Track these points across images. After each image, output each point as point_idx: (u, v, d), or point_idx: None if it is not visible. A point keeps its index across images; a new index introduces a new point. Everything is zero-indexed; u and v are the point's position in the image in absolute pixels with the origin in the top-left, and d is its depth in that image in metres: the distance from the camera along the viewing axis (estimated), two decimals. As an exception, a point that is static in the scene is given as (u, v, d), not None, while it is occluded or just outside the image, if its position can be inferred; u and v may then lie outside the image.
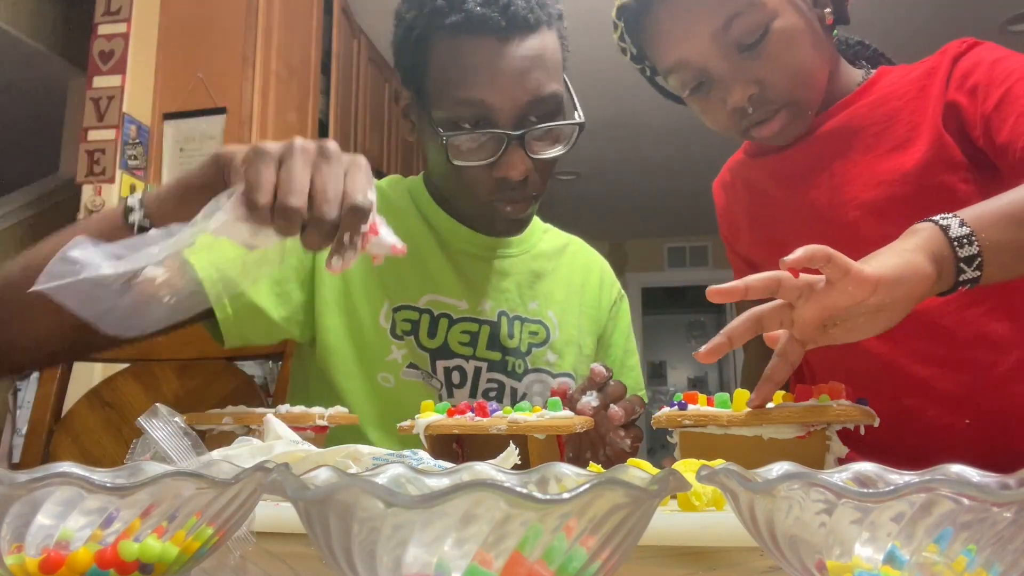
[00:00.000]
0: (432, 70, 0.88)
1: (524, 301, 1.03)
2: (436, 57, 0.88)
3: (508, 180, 0.88)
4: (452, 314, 0.97)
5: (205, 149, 2.83)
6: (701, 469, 0.32)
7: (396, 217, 0.98)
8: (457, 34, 0.86)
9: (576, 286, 1.09)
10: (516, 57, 0.86)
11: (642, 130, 5.03)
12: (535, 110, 0.88)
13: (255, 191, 0.59)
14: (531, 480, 0.33)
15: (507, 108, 0.86)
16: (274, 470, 0.31)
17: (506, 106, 0.86)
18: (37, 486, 0.28)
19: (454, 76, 0.86)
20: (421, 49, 0.89)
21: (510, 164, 0.87)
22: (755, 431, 0.61)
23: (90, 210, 2.69)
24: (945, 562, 0.26)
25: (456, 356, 0.97)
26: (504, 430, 0.64)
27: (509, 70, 0.85)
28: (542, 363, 1.01)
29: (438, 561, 0.26)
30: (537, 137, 0.89)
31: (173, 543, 0.31)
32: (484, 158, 0.87)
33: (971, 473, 0.31)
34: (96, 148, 2.73)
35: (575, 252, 1.14)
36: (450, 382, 0.96)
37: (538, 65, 0.87)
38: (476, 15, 0.84)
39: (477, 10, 0.84)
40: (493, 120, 0.86)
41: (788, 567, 0.30)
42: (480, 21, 0.84)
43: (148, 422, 0.48)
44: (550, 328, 1.03)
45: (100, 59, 2.79)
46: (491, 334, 0.98)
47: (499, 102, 0.85)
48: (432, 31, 0.88)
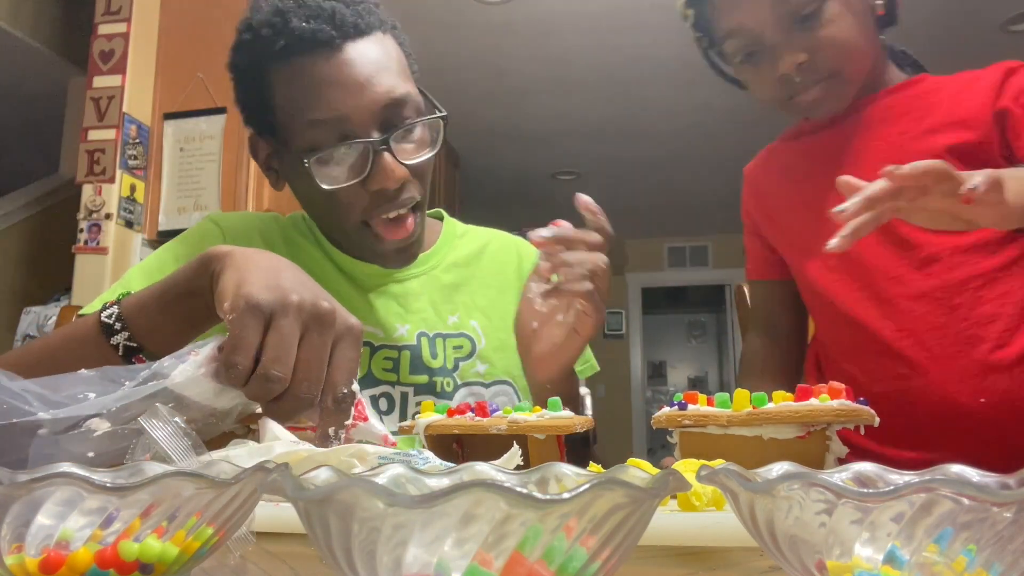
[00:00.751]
0: (278, 102, 0.86)
1: (443, 317, 1.00)
2: (278, 87, 0.85)
3: (386, 191, 0.85)
4: (373, 342, 0.95)
5: (205, 149, 2.83)
6: (701, 469, 0.32)
7: (299, 255, 0.96)
8: (291, 57, 0.83)
9: (498, 285, 1.06)
10: (356, 62, 0.83)
11: (642, 130, 5.04)
12: (393, 116, 0.85)
13: (237, 351, 0.55)
14: (531, 480, 0.33)
15: (363, 116, 0.83)
16: (274, 470, 0.31)
17: (360, 114, 0.83)
18: (37, 486, 0.28)
19: (300, 100, 0.84)
20: (261, 86, 0.86)
21: (383, 173, 0.83)
22: (755, 431, 0.61)
23: (90, 210, 2.70)
24: (945, 562, 0.26)
25: (381, 383, 0.95)
26: (504, 430, 0.64)
27: (352, 76, 0.83)
28: (471, 376, 0.99)
29: (438, 561, 0.26)
30: (402, 141, 0.86)
31: (173, 543, 0.31)
32: (355, 176, 0.84)
33: (971, 473, 0.31)
34: (96, 148, 2.73)
35: (494, 251, 1.10)
36: (377, 409, 0.94)
37: (382, 68, 0.85)
38: (305, 31, 0.82)
39: (303, 26, 0.82)
40: (353, 133, 0.83)
41: (788, 567, 0.30)
42: (310, 36, 0.82)
43: (148, 422, 0.48)
44: (475, 338, 1.00)
45: (100, 59, 2.79)
46: (412, 358, 0.96)
47: (351, 111, 0.83)
48: (267, 64, 0.85)
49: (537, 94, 4.49)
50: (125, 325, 0.68)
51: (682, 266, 7.69)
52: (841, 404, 0.58)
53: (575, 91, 4.48)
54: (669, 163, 5.60)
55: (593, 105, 4.66)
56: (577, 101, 4.61)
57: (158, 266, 0.90)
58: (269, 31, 0.84)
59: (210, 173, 2.82)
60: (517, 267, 1.09)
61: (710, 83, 2.55)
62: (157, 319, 0.68)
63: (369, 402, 0.94)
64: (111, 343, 0.67)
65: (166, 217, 2.84)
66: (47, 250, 3.72)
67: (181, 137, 2.86)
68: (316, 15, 0.83)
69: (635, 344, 7.71)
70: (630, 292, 7.68)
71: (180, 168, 2.86)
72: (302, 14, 0.83)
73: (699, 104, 4.61)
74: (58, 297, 3.26)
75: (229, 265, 0.62)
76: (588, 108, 4.70)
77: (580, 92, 4.49)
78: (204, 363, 0.56)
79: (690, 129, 5.00)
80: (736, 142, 5.15)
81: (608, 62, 4.16)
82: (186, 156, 2.85)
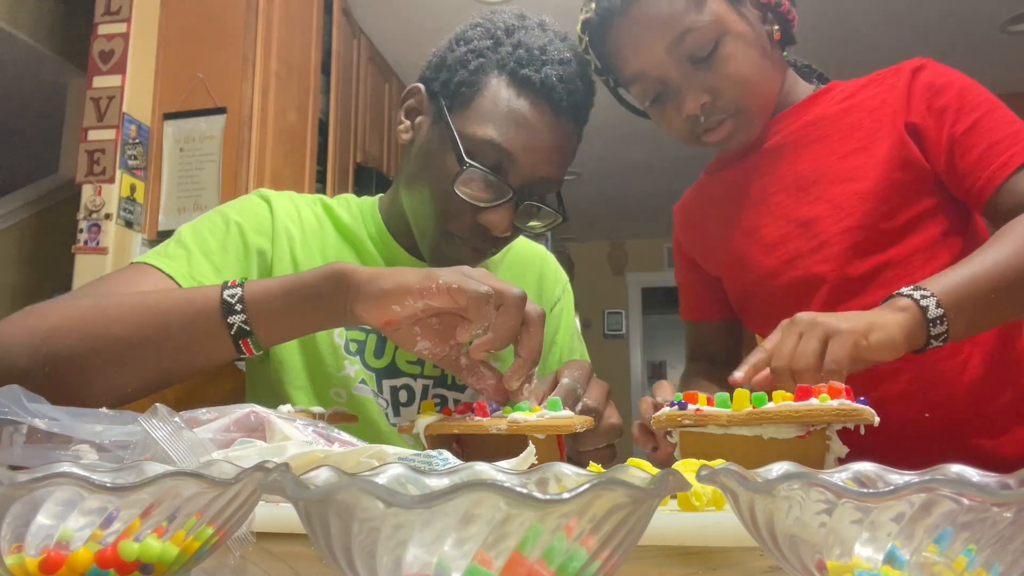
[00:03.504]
0: (480, 101, 0.89)
1: None
2: (491, 92, 0.88)
3: (488, 231, 0.89)
4: None
5: (205, 149, 2.83)
6: (701, 469, 0.32)
7: (348, 239, 0.99)
8: (524, 86, 0.88)
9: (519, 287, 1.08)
10: (557, 135, 0.90)
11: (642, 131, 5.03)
12: (540, 187, 0.91)
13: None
14: (531, 480, 0.33)
15: (526, 172, 0.88)
16: (274, 470, 0.31)
17: (527, 170, 0.88)
18: (37, 486, 0.28)
19: (501, 118, 0.87)
20: (480, 76, 0.89)
21: (500, 217, 0.88)
22: (755, 431, 0.61)
23: (90, 210, 2.70)
24: (945, 562, 0.26)
25: (404, 375, 0.97)
26: (504, 430, 0.64)
27: (548, 142, 0.89)
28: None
29: (438, 561, 0.26)
30: (529, 208, 0.92)
31: (173, 543, 0.31)
32: (481, 200, 0.87)
33: (971, 473, 0.31)
34: (96, 148, 2.73)
35: (517, 253, 1.13)
36: (396, 401, 0.96)
37: (566, 151, 0.92)
38: (548, 82, 0.87)
39: (552, 79, 0.87)
40: (508, 174, 0.88)
41: (788, 567, 0.30)
42: (549, 89, 0.88)
43: (148, 422, 0.48)
44: None
45: (100, 59, 2.79)
46: None
47: (524, 163, 0.87)
48: (500, 69, 0.89)
49: (537, 94, 4.48)
50: (245, 308, 0.71)
51: (682, 266, 7.69)
52: (841, 404, 0.58)
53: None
54: (669, 163, 5.59)
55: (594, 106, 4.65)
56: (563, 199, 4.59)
57: (209, 227, 0.93)
58: (524, 54, 0.89)
59: (210, 173, 2.82)
60: (537, 275, 1.12)
61: (710, 83, 2.50)
62: (279, 312, 0.72)
63: (390, 392, 0.95)
64: (227, 321, 0.71)
65: (166, 217, 2.84)
66: (47, 250, 3.72)
67: (181, 137, 2.86)
68: (566, 81, 0.89)
69: (635, 344, 7.70)
70: (630, 292, 7.68)
71: (180, 168, 2.86)
72: (558, 71, 0.88)
73: (699, 104, 4.61)
74: (58, 297, 3.26)
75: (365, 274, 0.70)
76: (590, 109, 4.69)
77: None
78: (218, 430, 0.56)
79: (690, 129, 4.99)
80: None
81: (608, 62, 4.16)
82: (186, 156, 2.85)
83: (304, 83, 3.19)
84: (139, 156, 2.81)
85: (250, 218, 0.95)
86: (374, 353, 0.96)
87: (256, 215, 0.96)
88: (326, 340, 0.94)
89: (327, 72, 3.39)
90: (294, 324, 0.74)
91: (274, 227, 0.95)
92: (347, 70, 3.58)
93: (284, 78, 3.01)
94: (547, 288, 1.13)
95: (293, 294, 0.72)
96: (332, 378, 0.94)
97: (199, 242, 0.90)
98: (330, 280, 0.70)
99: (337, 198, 1.05)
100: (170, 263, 0.86)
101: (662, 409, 0.66)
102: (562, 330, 1.13)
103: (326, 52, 3.39)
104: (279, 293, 0.72)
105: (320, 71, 3.32)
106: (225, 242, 0.92)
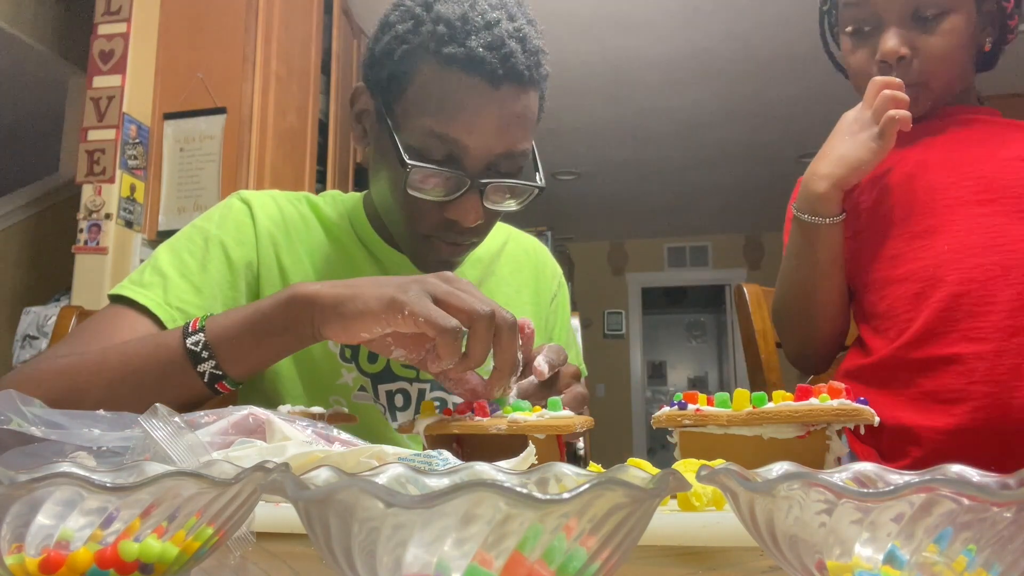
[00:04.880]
0: (412, 92, 0.84)
1: None
2: (421, 80, 0.84)
3: (458, 224, 0.86)
4: None
5: (205, 149, 2.83)
6: (701, 469, 0.32)
7: (334, 238, 0.97)
8: (450, 65, 0.82)
9: (515, 283, 1.07)
10: (503, 108, 0.83)
11: (642, 131, 5.04)
12: (503, 163, 0.85)
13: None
14: (531, 480, 0.33)
15: (479, 155, 0.83)
16: (274, 470, 0.31)
17: (479, 153, 0.83)
18: (37, 486, 0.28)
19: (435, 107, 0.82)
20: (406, 66, 0.85)
21: (465, 209, 0.84)
22: (755, 431, 0.61)
23: (90, 210, 2.70)
24: (945, 562, 0.26)
25: (399, 379, 0.95)
26: (504, 430, 0.64)
27: (493, 119, 0.83)
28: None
29: (438, 561, 0.26)
30: (497, 189, 0.86)
31: (173, 543, 0.31)
32: (440, 195, 0.84)
33: (971, 473, 0.31)
34: (96, 148, 2.73)
35: (512, 249, 1.10)
36: (393, 405, 0.94)
37: (520, 121, 0.85)
38: (476, 55, 0.81)
39: (478, 50, 0.81)
40: (461, 162, 0.83)
41: (788, 567, 0.30)
42: (479, 62, 0.81)
43: (148, 422, 0.48)
44: None
45: (100, 59, 2.79)
46: None
47: (474, 147, 0.82)
48: (424, 52, 0.83)
49: (537, 94, 4.48)
50: (212, 354, 0.70)
51: (682, 266, 7.69)
52: (841, 404, 0.58)
53: (575, 91, 4.48)
54: (669, 163, 5.60)
55: (593, 105, 4.66)
56: (577, 101, 4.61)
57: (187, 246, 0.90)
58: (447, 31, 0.82)
59: (210, 173, 2.82)
60: (534, 268, 1.11)
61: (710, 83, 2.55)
62: (247, 349, 0.71)
63: (386, 397, 0.94)
64: (198, 370, 0.70)
65: (166, 217, 2.84)
66: (47, 250, 3.73)
67: (181, 137, 2.86)
68: (495, 47, 0.82)
69: (635, 344, 7.71)
70: (630, 292, 7.69)
71: (180, 168, 2.86)
72: (484, 39, 0.81)
73: (699, 104, 4.61)
74: (58, 297, 3.26)
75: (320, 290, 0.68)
76: (588, 108, 4.70)
77: (580, 92, 4.49)
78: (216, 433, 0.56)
79: (690, 129, 5.00)
80: (736, 142, 5.15)
81: (608, 62, 4.16)
82: (186, 156, 2.85)
83: (304, 83, 3.19)
84: (139, 156, 2.81)
85: (231, 231, 0.92)
86: (367, 358, 0.94)
87: (236, 225, 0.93)
88: (320, 348, 0.93)
89: (327, 72, 3.40)
90: (265, 356, 0.72)
91: (257, 234, 0.93)
92: (347, 70, 3.58)
93: (284, 78, 3.01)
94: (544, 283, 1.12)
95: (257, 329, 0.70)
96: (329, 387, 0.92)
97: (176, 263, 0.88)
98: (293, 307, 0.69)
99: (323, 195, 1.03)
100: (145, 293, 0.84)
101: (662, 409, 0.66)
102: (559, 325, 1.12)
103: (326, 52, 3.39)
104: (243, 331, 0.70)
105: (320, 71, 3.32)
106: (204, 260, 0.89)
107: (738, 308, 1.36)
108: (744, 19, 3.75)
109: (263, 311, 0.70)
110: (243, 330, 0.70)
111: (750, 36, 3.90)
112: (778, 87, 4.41)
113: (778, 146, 5.24)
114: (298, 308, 0.69)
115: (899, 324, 1.00)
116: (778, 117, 4.82)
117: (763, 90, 4.46)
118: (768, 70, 4.22)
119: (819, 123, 4.93)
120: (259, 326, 0.70)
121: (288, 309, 0.69)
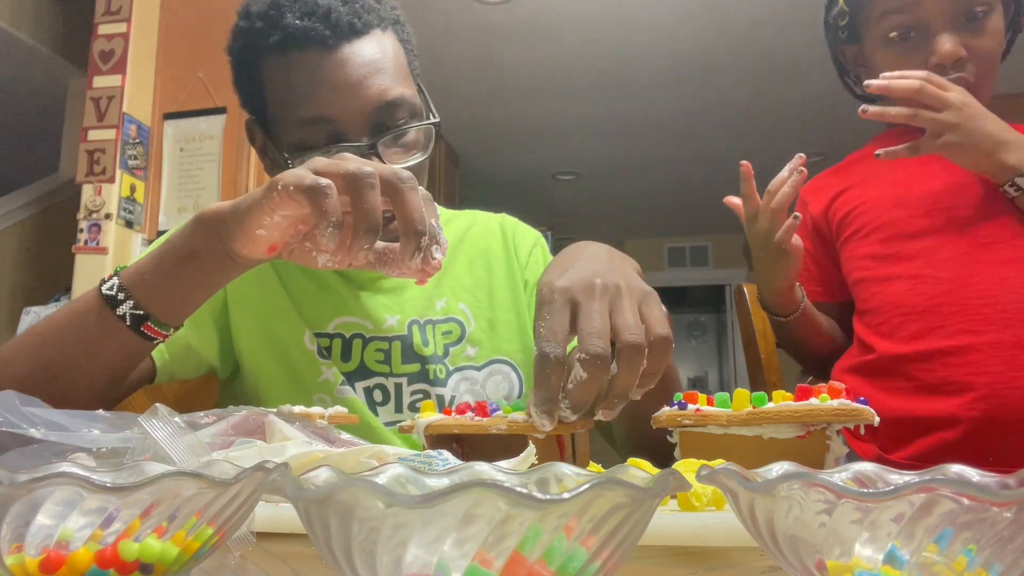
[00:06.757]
0: (269, 95, 0.85)
1: (432, 303, 0.99)
2: (270, 81, 0.84)
3: None
4: (364, 333, 0.95)
5: (205, 149, 2.83)
6: (701, 469, 0.32)
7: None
8: (284, 52, 0.82)
9: (484, 263, 1.05)
10: (349, 63, 0.81)
11: (642, 130, 5.03)
12: (386, 118, 0.83)
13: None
14: (531, 480, 0.33)
15: (353, 119, 0.81)
16: (274, 470, 0.31)
17: (351, 117, 0.81)
18: (37, 486, 0.28)
19: (291, 97, 0.82)
20: (255, 75, 0.85)
21: None
22: (755, 431, 0.61)
23: (90, 210, 2.70)
24: (945, 562, 0.26)
25: (375, 374, 0.94)
26: (504, 430, 0.64)
27: (344, 79, 0.81)
28: (462, 360, 0.98)
29: (438, 561, 0.26)
30: (392, 145, 0.84)
31: (173, 543, 0.31)
32: None
33: (971, 473, 0.31)
34: (96, 148, 2.73)
35: (476, 231, 1.08)
36: (372, 401, 0.94)
37: (377, 70, 0.83)
38: (297, 29, 0.80)
39: (297, 23, 0.80)
40: (342, 135, 0.81)
41: (788, 567, 0.30)
42: (303, 34, 0.80)
43: (148, 422, 0.48)
44: (463, 321, 1.00)
45: (100, 59, 2.79)
46: (403, 347, 0.95)
47: (341, 114, 0.81)
48: (260, 55, 0.84)
49: (537, 94, 4.48)
50: (129, 295, 0.68)
51: (682, 266, 7.69)
52: (841, 404, 0.58)
53: (575, 91, 4.47)
54: (669, 163, 5.59)
55: (593, 105, 4.65)
56: (577, 101, 4.60)
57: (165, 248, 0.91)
58: (263, 23, 0.83)
59: (210, 173, 2.82)
60: (502, 241, 1.08)
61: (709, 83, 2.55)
62: (159, 284, 0.68)
63: (364, 394, 0.94)
64: (117, 313, 0.68)
65: (166, 217, 2.84)
66: (47, 250, 3.72)
67: (181, 137, 2.86)
68: (311, 12, 0.81)
69: (635, 344, 7.69)
70: (630, 292, 7.67)
71: (180, 168, 2.86)
72: (297, 10, 0.81)
73: (699, 104, 4.61)
74: (58, 297, 3.26)
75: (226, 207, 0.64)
76: (588, 108, 4.69)
77: (580, 92, 4.49)
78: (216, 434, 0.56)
79: (690, 129, 5.00)
80: (736, 142, 5.15)
81: (608, 62, 4.16)
82: (186, 156, 2.85)
83: (304, 83, 3.18)
84: (139, 156, 2.81)
85: None
86: (341, 357, 0.94)
87: None
88: (297, 349, 0.93)
89: (327, 72, 3.39)
90: (184, 289, 0.69)
91: None
92: (347, 70, 3.58)
93: (284, 78, 3.01)
94: (519, 245, 1.08)
95: (167, 260, 0.67)
96: (312, 385, 0.92)
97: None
98: (199, 229, 0.66)
99: None
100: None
101: (662, 409, 0.66)
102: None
103: (326, 52, 3.39)
104: (156, 264, 0.68)
105: (320, 71, 3.32)
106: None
107: (738, 308, 1.36)
108: (744, 19, 3.75)
109: (172, 240, 0.68)
110: (156, 263, 0.68)
111: (750, 36, 3.90)
112: (778, 87, 4.41)
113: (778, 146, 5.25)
114: (205, 227, 0.66)
115: (894, 320, 1.01)
116: (778, 117, 4.81)
117: (763, 90, 4.46)
118: (768, 70, 4.22)
119: (819, 123, 4.92)
120: (170, 255, 0.68)
121: (195, 230, 0.66)
